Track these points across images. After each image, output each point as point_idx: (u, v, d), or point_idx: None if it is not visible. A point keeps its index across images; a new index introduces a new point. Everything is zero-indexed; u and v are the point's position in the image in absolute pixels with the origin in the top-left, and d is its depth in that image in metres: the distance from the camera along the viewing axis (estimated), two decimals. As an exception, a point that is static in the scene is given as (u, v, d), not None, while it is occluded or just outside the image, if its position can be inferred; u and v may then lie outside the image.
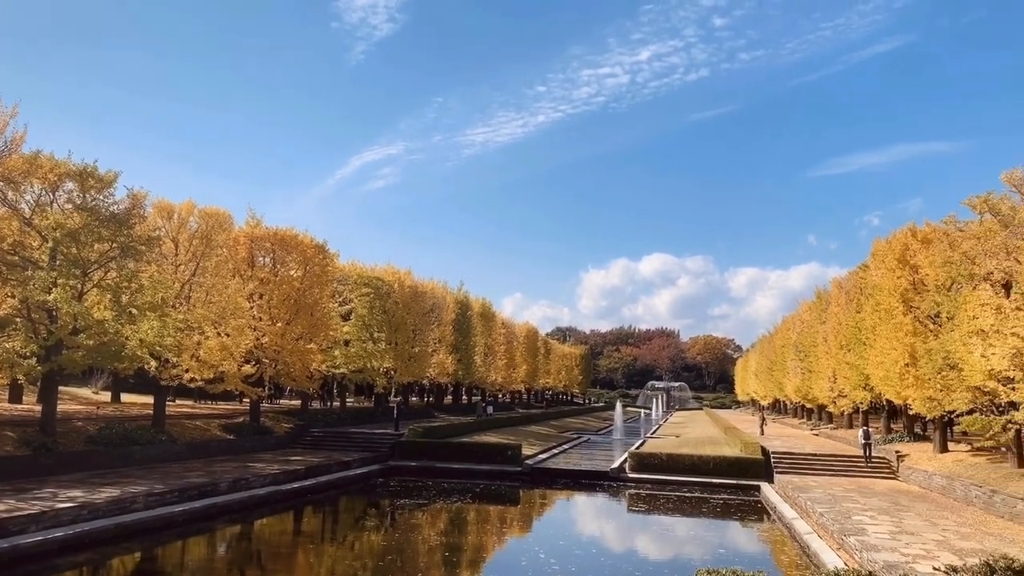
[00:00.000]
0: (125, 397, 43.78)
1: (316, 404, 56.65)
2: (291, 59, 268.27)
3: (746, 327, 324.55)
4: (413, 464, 36.05)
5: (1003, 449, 28.11)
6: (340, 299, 48.75)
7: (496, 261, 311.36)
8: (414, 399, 74.01)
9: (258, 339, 37.12)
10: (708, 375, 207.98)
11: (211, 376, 32.68)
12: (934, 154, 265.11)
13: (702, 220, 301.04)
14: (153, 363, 30.72)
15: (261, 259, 40.06)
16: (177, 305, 31.55)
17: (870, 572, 9.44)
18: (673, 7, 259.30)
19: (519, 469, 35.63)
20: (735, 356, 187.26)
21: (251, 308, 37.32)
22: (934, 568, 12.50)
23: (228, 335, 33.59)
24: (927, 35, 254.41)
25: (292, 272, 40.12)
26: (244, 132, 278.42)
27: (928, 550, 17.24)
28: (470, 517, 26.87)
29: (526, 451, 39.11)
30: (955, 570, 9.76)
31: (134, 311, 28.00)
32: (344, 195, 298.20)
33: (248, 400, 39.80)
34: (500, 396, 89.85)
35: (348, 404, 56.21)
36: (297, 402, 51.84)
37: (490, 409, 62.87)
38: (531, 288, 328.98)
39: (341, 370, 47.17)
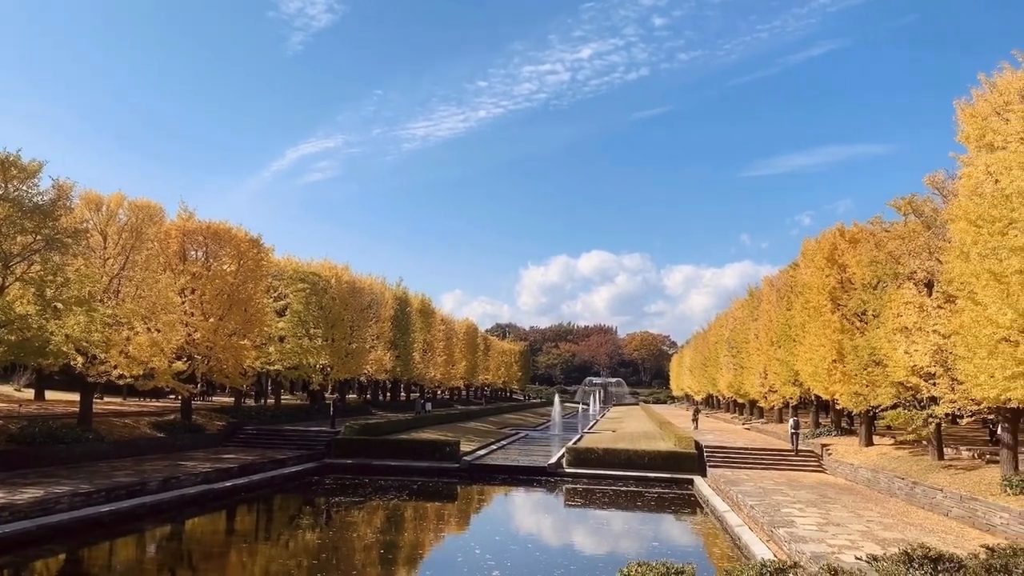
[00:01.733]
0: (49, 395, 42.32)
1: (250, 401, 55.66)
2: (225, 47, 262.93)
3: (681, 324, 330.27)
4: (349, 462, 35.70)
5: (924, 442, 29.17)
6: (275, 294, 47.97)
7: (436, 257, 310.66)
8: (351, 396, 73.23)
9: (190, 335, 36.31)
10: (644, 371, 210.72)
11: (140, 373, 31.79)
12: (864, 156, 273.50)
13: (640, 218, 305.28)
14: (79, 359, 29.75)
15: (193, 253, 39.18)
16: (105, 300, 30.62)
17: (795, 563, 9.71)
18: (614, 6, 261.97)
19: (457, 465, 35.58)
20: (671, 352, 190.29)
21: (183, 303, 36.49)
22: (856, 558, 12.94)
23: (159, 330, 32.75)
24: (860, 39, 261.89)
25: (225, 266, 39.34)
26: (174, 121, 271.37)
27: (853, 540, 17.79)
28: (407, 514, 26.77)
29: (464, 447, 39.10)
30: (876, 559, 10.11)
31: (59, 305, 27.08)
32: (280, 188, 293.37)
33: (179, 397, 38.87)
34: (439, 393, 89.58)
35: (283, 401, 55.33)
36: (230, 399, 50.83)
37: (428, 406, 62.63)
38: (471, 284, 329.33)
39: (276, 367, 46.45)
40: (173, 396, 47.06)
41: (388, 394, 74.12)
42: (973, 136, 21.07)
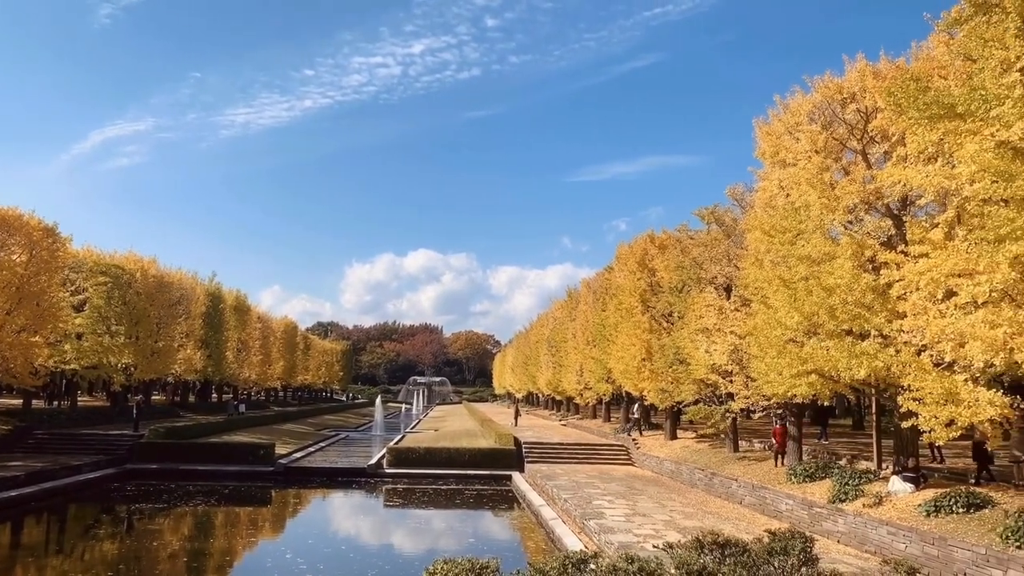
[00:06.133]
0: None
1: (42, 403, 51.19)
2: (19, 12, 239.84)
3: (505, 323, 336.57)
4: (154, 467, 33.63)
5: (722, 436, 31.34)
6: (73, 288, 44.37)
7: (255, 251, 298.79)
8: (157, 397, 69.06)
9: (-30, 331, 32.91)
10: (469, 370, 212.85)
11: (-92, 373, 28.49)
12: (677, 166, 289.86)
13: (467, 218, 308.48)
14: None
15: (-24, 241, 35.48)
16: None
17: (596, 553, 10.17)
18: (446, 3, 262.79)
19: (272, 469, 34.40)
20: (494, 351, 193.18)
21: (-38, 296, 33.01)
22: (654, 546, 13.72)
23: (-69, 326, 29.46)
24: (678, 55, 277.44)
25: (15, 257, 35.89)
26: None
27: (657, 530, 18.82)
28: (216, 520, 25.57)
29: (280, 450, 37.88)
30: (671, 547, 10.76)
31: None
32: (83, 172, 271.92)
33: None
34: (254, 394, 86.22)
35: (81, 403, 51.26)
36: (18, 401, 46.50)
37: (242, 407, 60.19)
38: (291, 281, 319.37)
39: (72, 366, 42.94)
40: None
41: (198, 395, 70.47)
42: (768, 152, 22.93)
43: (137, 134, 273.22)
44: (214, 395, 73.54)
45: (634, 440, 37.95)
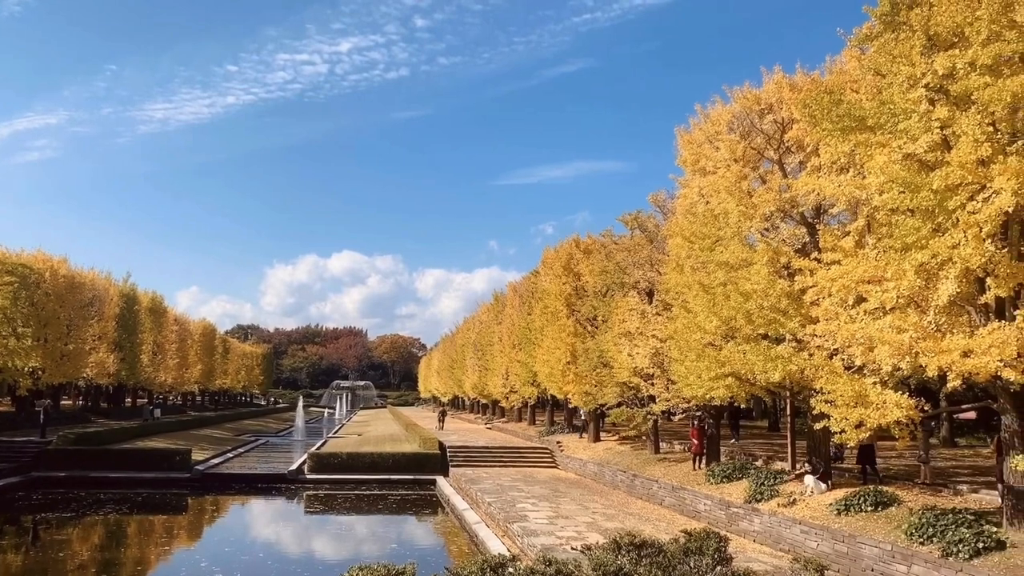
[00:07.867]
0: None
1: (-60, 410, 48.70)
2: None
3: (431, 327, 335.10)
4: (63, 475, 32.28)
5: (644, 438, 31.83)
6: (-24, 288, 42.28)
7: (172, 250, 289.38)
8: (68, 402, 66.43)
9: None
10: (394, 373, 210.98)
11: None
12: (604, 171, 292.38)
13: (394, 220, 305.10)
14: None
15: None
16: None
17: (514, 556, 10.21)
18: (375, 1, 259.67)
19: (188, 475, 33.41)
20: (420, 355, 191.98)
21: None
22: (573, 547, 13.84)
23: None
24: (606, 61, 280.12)
25: (-89, 255, 34.13)
26: None
27: (580, 532, 18.96)
28: (129, 529, 24.77)
29: (197, 456, 36.85)
30: (590, 548, 10.86)
31: None
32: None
33: None
34: (171, 398, 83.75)
35: (-17, 409, 48.94)
36: (-86, 408, 44.12)
37: (157, 412, 58.45)
38: (210, 282, 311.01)
39: (-26, 370, 40.96)
40: None
41: (111, 400, 68.04)
42: (689, 160, 23.43)
43: (48, 127, 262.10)
44: (128, 400, 71.14)
45: (559, 443, 38.22)
